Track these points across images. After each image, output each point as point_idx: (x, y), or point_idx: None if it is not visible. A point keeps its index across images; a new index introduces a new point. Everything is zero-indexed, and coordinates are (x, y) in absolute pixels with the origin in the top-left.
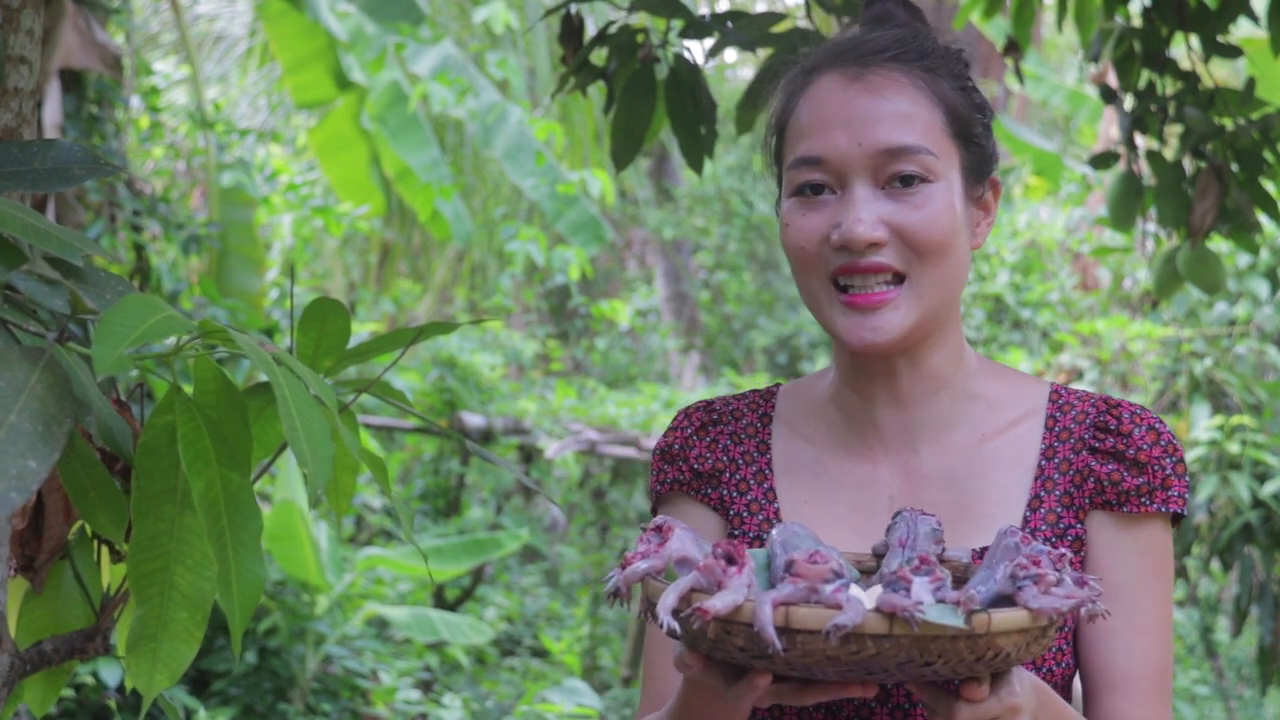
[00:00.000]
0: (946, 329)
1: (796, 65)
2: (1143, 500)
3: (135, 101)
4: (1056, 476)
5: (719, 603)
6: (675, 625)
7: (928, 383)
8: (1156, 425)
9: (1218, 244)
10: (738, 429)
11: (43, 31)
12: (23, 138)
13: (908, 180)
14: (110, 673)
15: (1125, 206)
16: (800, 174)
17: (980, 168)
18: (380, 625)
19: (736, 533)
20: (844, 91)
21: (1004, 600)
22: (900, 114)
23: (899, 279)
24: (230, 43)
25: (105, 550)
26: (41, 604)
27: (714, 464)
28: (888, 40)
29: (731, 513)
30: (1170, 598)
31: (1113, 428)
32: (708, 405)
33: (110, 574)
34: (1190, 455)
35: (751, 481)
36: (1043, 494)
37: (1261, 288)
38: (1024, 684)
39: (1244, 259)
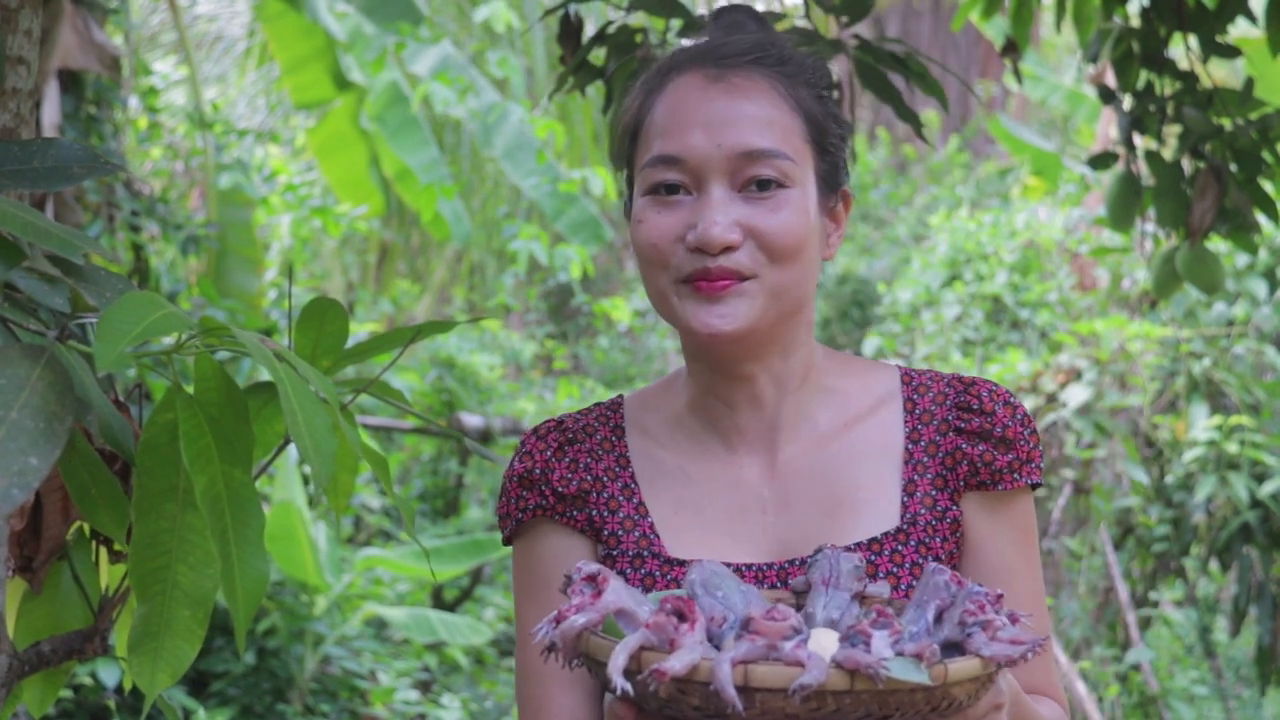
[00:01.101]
0: (798, 334)
1: (653, 66)
2: (1014, 476)
3: (134, 102)
4: (926, 460)
5: (676, 664)
6: (628, 687)
7: (787, 383)
8: (1011, 400)
9: (1216, 244)
10: (594, 445)
11: (41, 32)
12: (21, 138)
13: (764, 184)
14: (109, 673)
15: (1124, 207)
16: (656, 173)
17: (833, 177)
18: (379, 626)
19: (614, 553)
20: (703, 92)
21: (952, 647)
22: (760, 118)
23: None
24: (229, 43)
25: (103, 551)
26: (40, 605)
27: (579, 485)
28: (747, 44)
29: (605, 533)
30: (1039, 558)
31: (975, 407)
32: (559, 424)
33: (108, 574)
34: (1188, 455)
35: (620, 498)
36: (916, 478)
37: (1260, 288)
38: (1009, 685)
39: (1242, 259)
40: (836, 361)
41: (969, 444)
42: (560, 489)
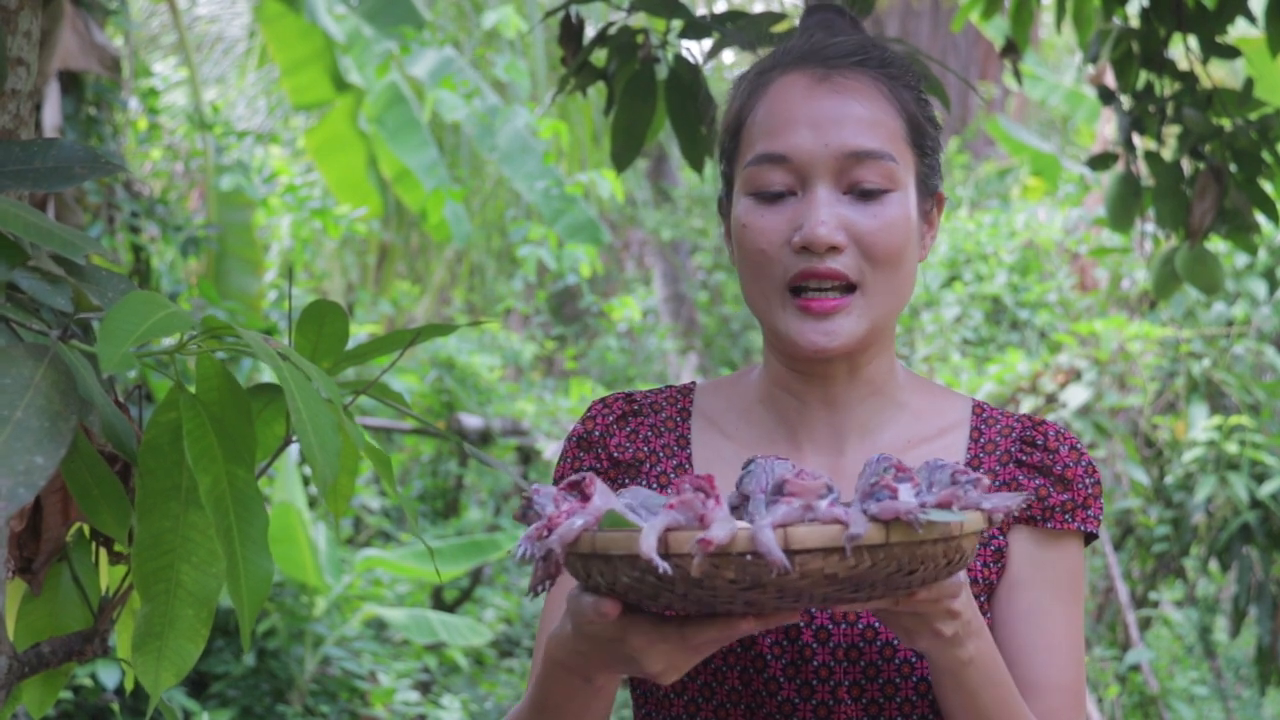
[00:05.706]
0: (884, 339)
1: (754, 66)
2: (1066, 517)
3: (134, 103)
4: None
5: (720, 532)
6: (667, 567)
7: (861, 388)
8: (1078, 446)
9: (1216, 244)
10: (658, 421)
11: (41, 33)
12: (21, 139)
13: (869, 187)
14: (109, 674)
15: (1123, 207)
16: (761, 172)
17: (930, 179)
18: (379, 627)
19: None
20: (809, 91)
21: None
22: (866, 118)
23: (850, 288)
24: (228, 44)
25: (103, 552)
26: (40, 606)
27: (634, 454)
28: (851, 45)
29: None
30: (1082, 612)
31: (1039, 443)
32: (627, 396)
33: (108, 576)
34: (1188, 456)
35: (672, 475)
36: None
37: (1259, 288)
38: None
39: (1242, 259)
40: (914, 382)
41: (1026, 476)
42: (616, 455)
